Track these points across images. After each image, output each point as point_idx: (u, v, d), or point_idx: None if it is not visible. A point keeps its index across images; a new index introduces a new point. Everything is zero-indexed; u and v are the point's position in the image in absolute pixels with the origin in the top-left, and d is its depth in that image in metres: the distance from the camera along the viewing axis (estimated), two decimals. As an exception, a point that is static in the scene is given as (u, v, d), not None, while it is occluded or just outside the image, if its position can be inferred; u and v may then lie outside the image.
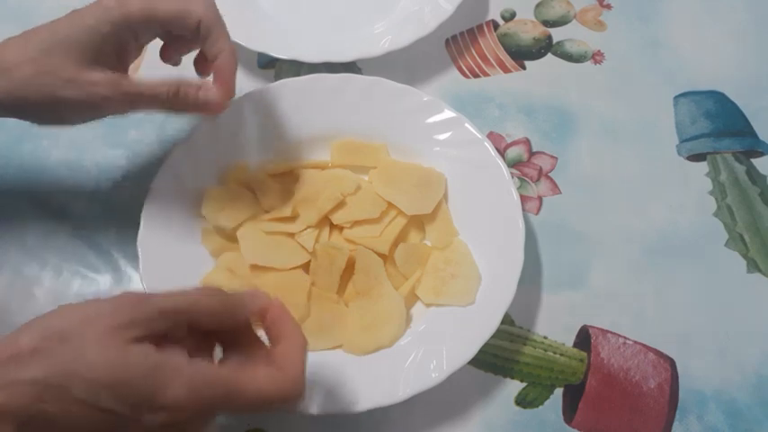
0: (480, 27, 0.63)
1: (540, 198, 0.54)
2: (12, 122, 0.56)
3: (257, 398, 0.33)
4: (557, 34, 0.63)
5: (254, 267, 0.48)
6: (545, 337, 0.49)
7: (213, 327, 0.35)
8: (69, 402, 0.30)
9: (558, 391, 0.47)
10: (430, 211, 0.49)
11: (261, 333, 0.37)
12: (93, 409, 0.30)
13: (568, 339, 0.49)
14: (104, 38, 0.43)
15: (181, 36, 0.46)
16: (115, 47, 0.44)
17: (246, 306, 0.36)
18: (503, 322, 0.45)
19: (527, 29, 0.63)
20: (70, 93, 0.43)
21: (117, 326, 0.31)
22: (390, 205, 0.50)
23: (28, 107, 0.44)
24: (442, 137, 0.52)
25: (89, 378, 0.30)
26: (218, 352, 0.37)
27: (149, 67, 0.59)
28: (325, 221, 0.50)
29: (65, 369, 0.30)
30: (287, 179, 0.52)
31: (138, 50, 0.47)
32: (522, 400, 0.47)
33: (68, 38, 0.43)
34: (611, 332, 0.49)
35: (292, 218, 0.50)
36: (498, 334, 0.45)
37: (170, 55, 0.49)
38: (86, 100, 0.43)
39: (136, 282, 0.50)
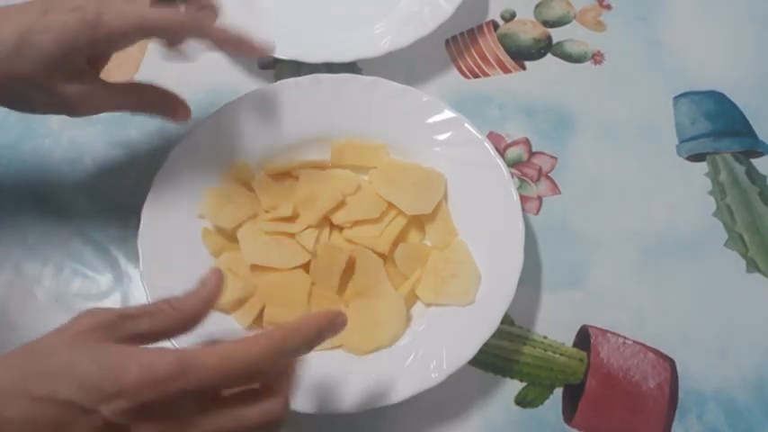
0: (480, 27, 0.63)
1: (539, 198, 0.54)
2: (14, 122, 0.57)
3: (216, 368, 0.32)
4: (556, 34, 0.63)
5: (254, 267, 0.48)
6: (545, 337, 0.49)
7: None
8: (28, 403, 0.30)
9: (558, 391, 0.47)
10: (430, 211, 0.50)
11: None
12: (52, 403, 0.30)
13: (568, 339, 0.49)
14: (80, 52, 0.42)
15: None
16: (90, 58, 0.43)
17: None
18: (503, 322, 0.45)
19: (527, 29, 0.63)
20: (42, 97, 0.42)
21: (79, 330, 0.32)
22: (390, 205, 0.50)
23: None
24: (442, 137, 0.52)
25: (47, 372, 0.30)
26: None
27: (149, 65, 0.59)
28: (326, 221, 0.50)
29: (25, 372, 0.31)
30: (287, 179, 0.52)
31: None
32: (522, 400, 0.47)
33: (41, 46, 0.40)
34: (611, 332, 0.49)
35: (292, 218, 0.50)
36: (498, 334, 0.45)
37: None
38: (57, 105, 0.43)
39: (136, 281, 0.50)
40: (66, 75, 0.42)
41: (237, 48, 0.46)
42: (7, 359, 0.32)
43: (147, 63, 0.59)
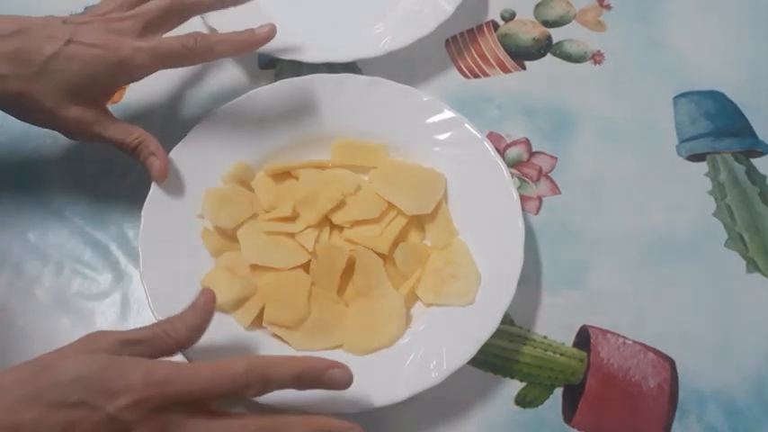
0: (480, 27, 0.63)
1: (539, 198, 0.54)
2: (14, 121, 0.57)
3: (208, 378, 0.36)
4: (556, 34, 0.63)
5: (254, 267, 0.48)
6: (545, 337, 0.49)
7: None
8: (41, 409, 0.32)
9: (558, 391, 0.47)
10: (430, 211, 0.50)
11: None
12: (63, 408, 0.33)
13: (568, 339, 0.49)
14: (97, 82, 0.45)
15: None
16: (103, 88, 0.46)
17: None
18: (502, 322, 0.45)
19: (527, 29, 0.63)
20: (40, 120, 0.46)
21: (86, 347, 0.36)
22: (390, 205, 0.50)
23: None
24: (442, 137, 0.52)
25: (57, 380, 0.33)
26: None
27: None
28: (326, 221, 0.50)
29: (38, 382, 0.33)
30: (287, 179, 0.52)
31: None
32: (522, 400, 0.47)
33: (62, 73, 0.44)
34: (611, 332, 0.49)
35: (292, 218, 0.50)
36: (498, 334, 0.45)
37: None
38: (54, 126, 0.46)
39: (136, 281, 0.50)
40: (77, 95, 0.45)
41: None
42: (19, 369, 0.34)
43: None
